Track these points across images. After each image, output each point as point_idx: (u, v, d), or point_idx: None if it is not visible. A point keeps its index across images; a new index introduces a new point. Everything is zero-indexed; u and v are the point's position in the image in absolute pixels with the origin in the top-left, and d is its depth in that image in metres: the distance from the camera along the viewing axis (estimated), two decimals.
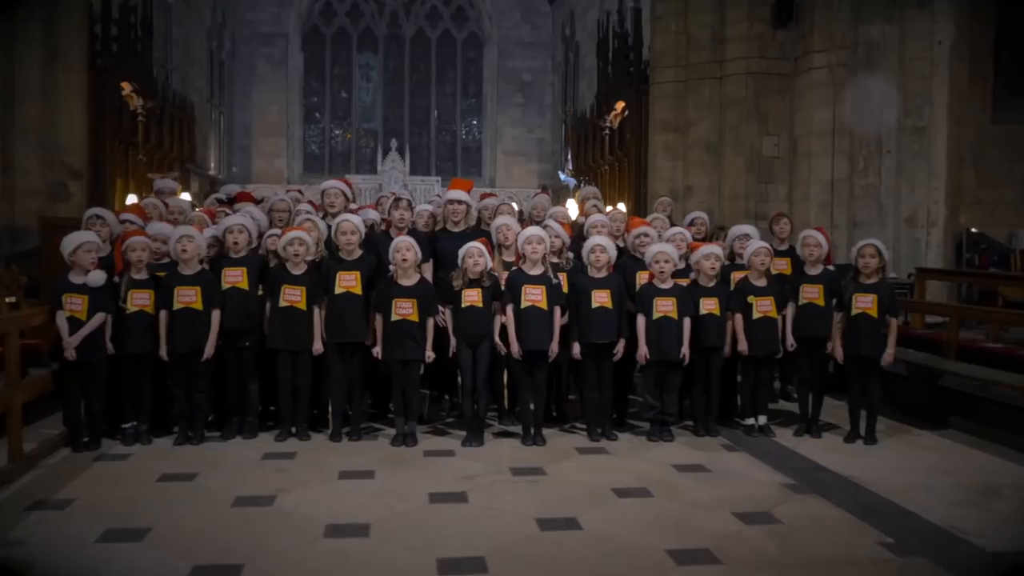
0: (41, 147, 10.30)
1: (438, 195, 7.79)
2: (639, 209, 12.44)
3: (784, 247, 7.20)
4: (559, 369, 6.46)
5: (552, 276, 6.02)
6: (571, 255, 6.55)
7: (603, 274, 6.10)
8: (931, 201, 9.89)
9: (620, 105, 13.69)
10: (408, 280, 5.87)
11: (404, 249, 5.82)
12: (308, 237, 5.92)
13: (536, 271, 5.98)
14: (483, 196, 8.74)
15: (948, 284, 9.48)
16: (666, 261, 6.09)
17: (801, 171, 10.65)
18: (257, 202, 7.56)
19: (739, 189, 11.05)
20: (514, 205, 9.95)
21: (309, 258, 6.01)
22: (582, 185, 18.12)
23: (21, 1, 10.18)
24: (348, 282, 5.95)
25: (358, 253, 6.06)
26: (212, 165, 23.15)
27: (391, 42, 26.36)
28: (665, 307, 6.07)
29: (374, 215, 7.01)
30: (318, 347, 5.92)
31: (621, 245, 7.00)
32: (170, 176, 8.35)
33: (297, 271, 5.91)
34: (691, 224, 8.00)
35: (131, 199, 11.49)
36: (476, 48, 26.51)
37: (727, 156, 11.18)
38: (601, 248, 6.06)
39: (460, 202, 6.77)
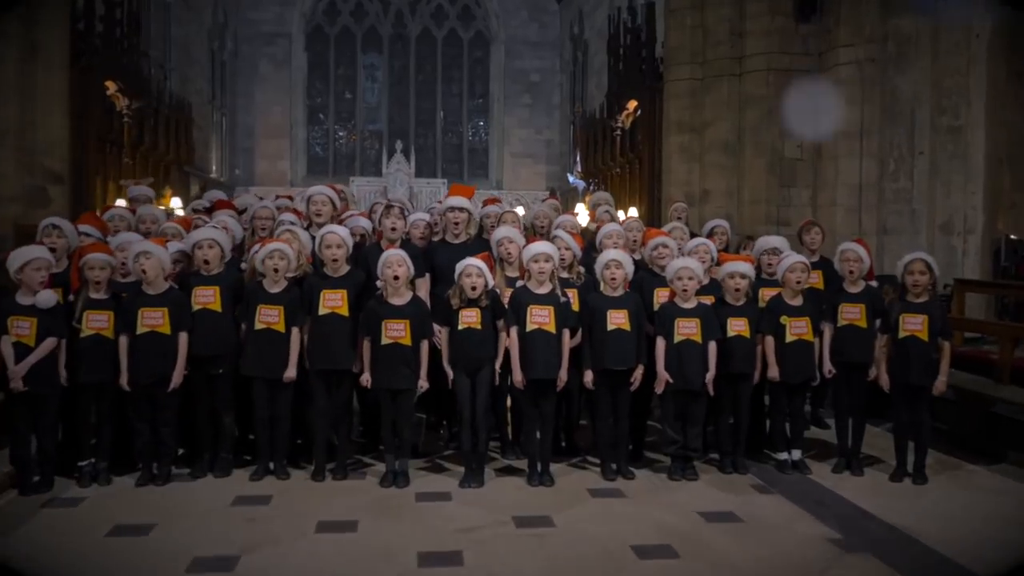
0: (19, 149, 9.62)
1: (438, 202, 7.08)
2: (652, 214, 11.72)
3: (815, 258, 6.50)
4: (569, 394, 5.76)
5: (561, 295, 5.33)
6: (582, 269, 5.87)
7: (619, 292, 5.41)
8: (968, 206, 9.13)
9: (632, 104, 12.97)
10: (400, 299, 5.19)
11: (395, 264, 5.14)
12: (289, 250, 5.24)
13: (543, 289, 5.29)
14: (486, 202, 8.04)
15: (987, 295, 8.74)
16: (689, 278, 5.39)
17: (826, 174, 9.92)
18: (239, 211, 6.88)
19: (759, 193, 10.31)
20: (520, 211, 9.24)
21: (290, 274, 5.34)
22: (591, 188, 17.43)
23: (20, 2, 9.52)
24: (333, 302, 5.27)
25: (345, 269, 5.39)
26: (213, 168, 22.53)
27: (396, 42, 25.69)
28: (688, 329, 5.38)
29: (365, 224, 6.34)
30: (290, 374, 5.23)
31: (637, 258, 6.33)
32: (145, 182, 7.67)
33: (275, 288, 5.24)
34: (711, 234, 7.31)
35: (120, 203, 10.87)
36: (483, 48, 25.82)
37: (746, 158, 10.44)
38: (617, 263, 5.36)
39: (461, 210, 6.10)
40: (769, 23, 10.25)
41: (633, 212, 12.59)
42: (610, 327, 5.32)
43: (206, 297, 5.25)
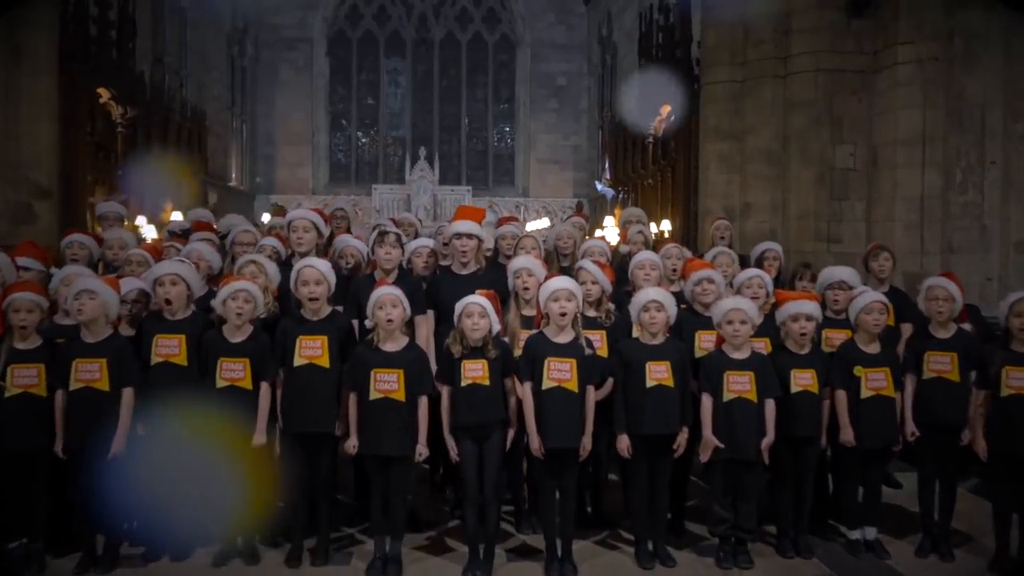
0: (2, 162, 8.83)
1: (443, 225, 6.12)
2: (687, 228, 10.69)
3: (884, 288, 5.48)
4: (596, 452, 4.75)
5: (585, 344, 4.34)
6: (612, 307, 4.89)
7: (659, 339, 4.40)
8: None
9: (665, 109, 11.92)
10: (394, 344, 4.23)
11: (388, 304, 4.18)
12: (256, 291, 4.30)
13: (564, 337, 4.31)
14: (502, 221, 7.09)
15: None
16: (742, 322, 4.38)
17: (883, 186, 8.84)
18: (221, 235, 5.97)
19: (807, 207, 9.24)
20: (544, 222, 8.06)
21: (260, 313, 4.40)
22: (620, 196, 16.41)
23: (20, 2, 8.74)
24: (312, 350, 4.32)
25: (326, 310, 4.43)
26: (233, 176, 21.85)
27: (420, 46, 24.81)
28: (740, 385, 4.37)
29: (359, 246, 5.40)
30: (258, 439, 4.28)
31: (676, 290, 5.35)
32: (116, 199, 6.78)
33: (239, 337, 4.30)
34: (761, 259, 6.30)
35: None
36: (508, 51, 24.87)
37: (793, 168, 9.38)
38: (658, 306, 4.37)
39: (469, 236, 5.13)
40: (818, 19, 9.19)
41: (666, 226, 11.57)
42: (649, 383, 4.32)
43: (168, 348, 4.32)
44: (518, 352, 4.46)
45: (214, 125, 19.79)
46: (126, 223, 6.77)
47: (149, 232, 10.32)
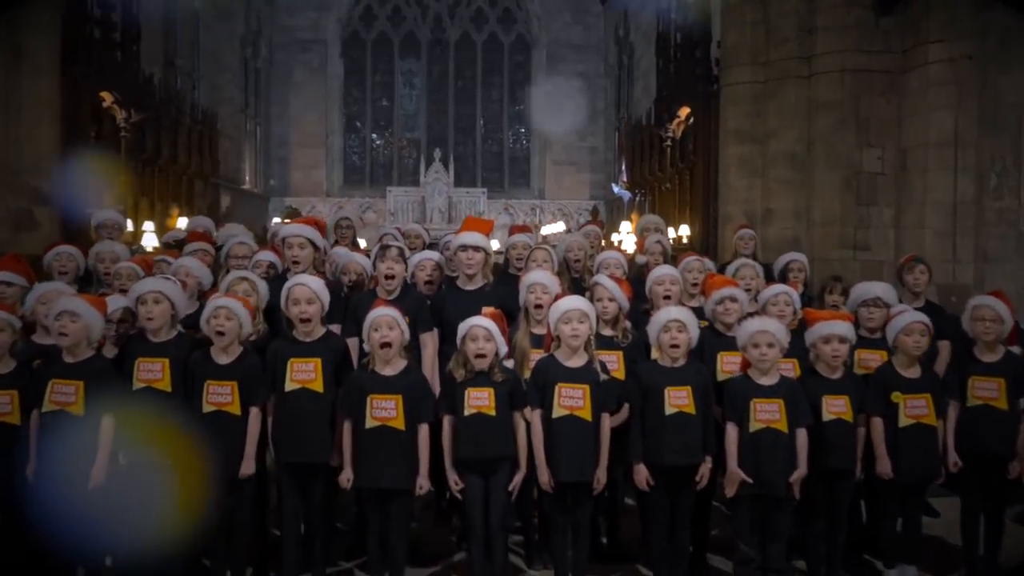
0: (1, 167, 8.58)
1: (450, 236, 5.78)
2: (707, 234, 10.31)
3: (919, 303, 5.12)
4: (612, 482, 4.40)
5: (599, 368, 3.99)
6: (628, 325, 4.54)
7: (680, 362, 4.05)
8: None
9: (684, 111, 11.54)
10: (391, 368, 3.89)
11: (384, 326, 3.85)
12: (239, 308, 3.97)
13: (576, 361, 3.97)
14: (513, 230, 6.77)
15: None
16: (769, 345, 4.02)
17: (913, 191, 8.42)
18: (218, 247, 5.66)
19: (833, 213, 8.84)
20: (560, 226, 7.69)
21: (249, 335, 4.09)
22: (637, 199, 16.04)
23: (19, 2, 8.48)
24: (304, 374, 4.00)
25: (320, 331, 4.10)
26: (247, 179, 21.63)
27: (435, 47, 24.49)
28: (768, 414, 4.00)
29: (362, 261, 5.09)
30: (247, 469, 3.96)
31: (696, 305, 5.01)
32: (115, 207, 6.48)
33: (225, 358, 3.98)
34: (786, 271, 5.94)
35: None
36: (524, 52, 24.51)
37: (817, 172, 8.97)
38: (679, 326, 4.02)
39: (475, 249, 4.79)
40: (844, 16, 8.79)
41: (684, 231, 11.18)
42: (669, 410, 3.97)
43: (151, 372, 4.00)
44: (527, 373, 4.14)
45: (227, 127, 19.56)
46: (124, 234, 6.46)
47: (150, 241, 10.07)
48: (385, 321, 3.81)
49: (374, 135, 24.82)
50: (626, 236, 12.27)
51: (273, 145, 23.38)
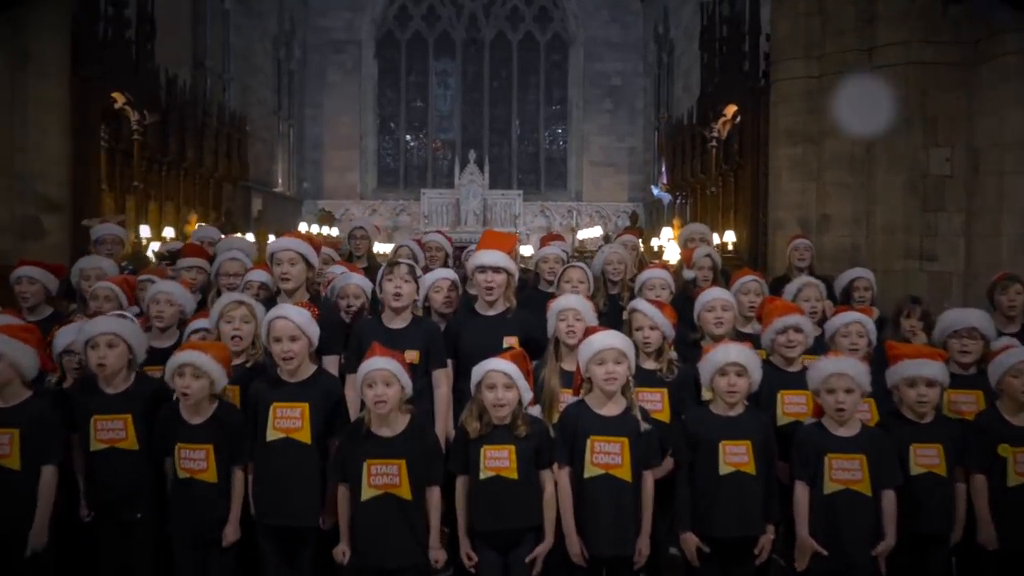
0: (7, 173, 8.10)
1: (471, 248, 5.09)
2: (755, 243, 9.49)
3: (1014, 328, 4.36)
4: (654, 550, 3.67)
5: (640, 416, 3.28)
6: (674, 356, 3.84)
7: (738, 410, 3.33)
8: None
9: (730, 109, 10.72)
10: (391, 427, 3.21)
11: (380, 382, 3.15)
12: (206, 362, 3.30)
13: (612, 408, 3.29)
14: (544, 240, 6.11)
15: None
16: (848, 391, 3.29)
17: (986, 195, 7.56)
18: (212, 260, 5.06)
19: (896, 220, 7.99)
20: (597, 231, 7.03)
21: (243, 361, 3.48)
22: (678, 201, 15.23)
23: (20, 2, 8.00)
24: (288, 421, 3.36)
25: (308, 370, 3.45)
26: (280, 181, 21.19)
27: (469, 46, 23.84)
28: (847, 473, 3.28)
29: (361, 283, 4.44)
30: (230, 536, 3.33)
31: (750, 331, 4.31)
32: (114, 220, 5.92)
33: (198, 417, 3.35)
34: (849, 290, 5.21)
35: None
36: (560, 51, 23.76)
37: (879, 175, 8.14)
38: (739, 370, 3.31)
39: (496, 270, 4.10)
40: (908, 5, 7.97)
41: (730, 237, 10.38)
42: (724, 468, 3.27)
43: (111, 431, 3.39)
44: (557, 416, 3.45)
45: (259, 130, 19.14)
46: (126, 248, 5.88)
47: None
48: (381, 376, 3.12)
49: (408, 136, 24.25)
50: (667, 242, 11.49)
51: (307, 147, 22.94)
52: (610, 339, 3.27)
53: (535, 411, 3.35)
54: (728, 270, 6.13)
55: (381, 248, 11.15)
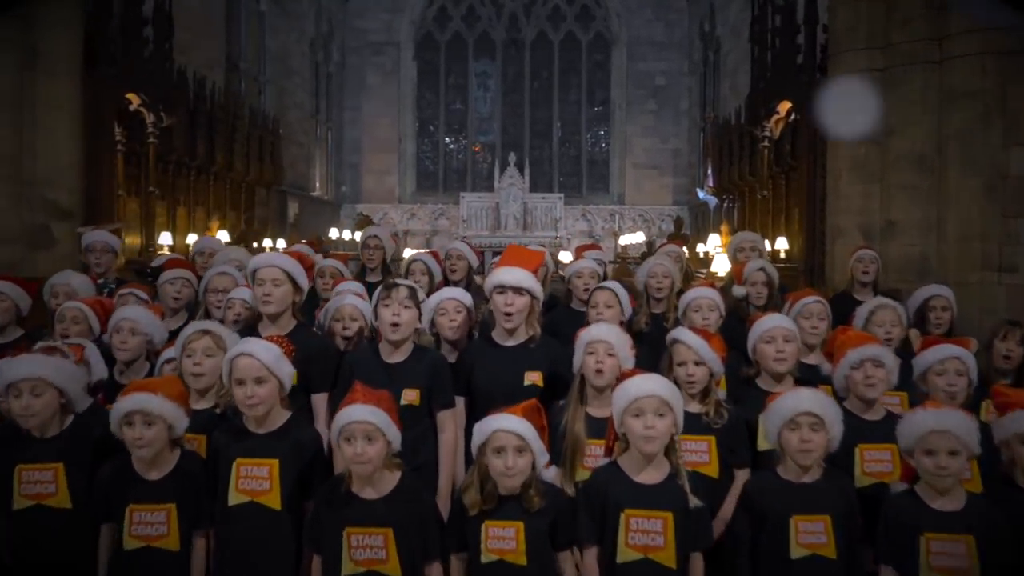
0: (15, 179, 7.63)
1: (492, 266, 4.42)
2: (811, 252, 8.67)
3: None
4: None
5: (687, 486, 2.60)
6: (723, 397, 3.17)
7: (813, 475, 2.64)
8: None
9: (784, 106, 9.90)
10: (375, 488, 2.58)
11: (360, 437, 2.52)
12: (164, 408, 2.69)
13: (652, 474, 2.61)
14: (580, 250, 5.45)
15: None
16: (951, 453, 2.56)
17: None
18: (198, 274, 4.48)
19: (972, 226, 7.13)
20: (639, 236, 6.38)
21: (211, 405, 2.87)
22: (725, 205, 14.41)
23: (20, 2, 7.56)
24: (254, 482, 2.75)
25: (280, 418, 2.83)
26: (317, 186, 20.77)
27: (510, 47, 23.22)
28: (950, 558, 2.56)
29: (358, 304, 3.80)
30: None
31: (813, 362, 3.62)
32: (108, 227, 5.37)
33: (155, 472, 2.74)
34: (925, 310, 4.46)
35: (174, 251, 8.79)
36: (603, 50, 23.01)
37: (952, 177, 7.29)
38: (814, 423, 2.62)
39: (517, 291, 3.43)
40: None
41: (782, 244, 9.57)
42: (797, 551, 2.58)
43: (38, 484, 2.79)
44: (580, 472, 2.80)
45: (296, 133, 18.76)
46: (120, 259, 5.33)
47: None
48: (362, 430, 2.49)
49: (447, 139, 23.70)
50: (714, 249, 10.72)
51: (345, 151, 22.54)
52: (650, 385, 2.59)
53: (550, 475, 2.68)
54: (785, 285, 5.40)
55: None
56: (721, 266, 7.69)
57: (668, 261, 4.76)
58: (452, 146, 23.76)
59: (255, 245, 11.42)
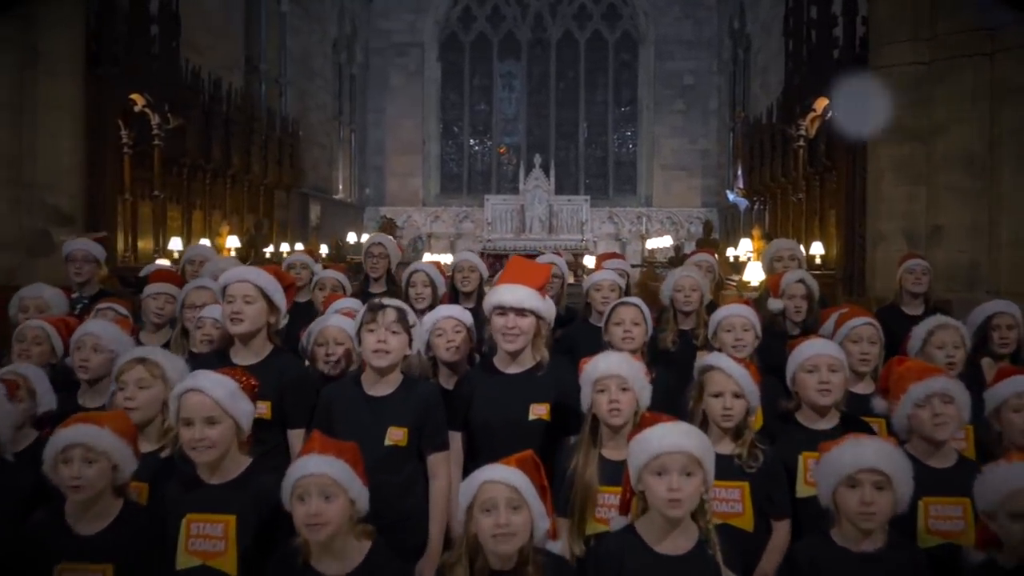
0: (14, 183, 7.33)
1: (498, 265, 3.96)
2: (850, 259, 8.09)
3: None
4: None
5: (718, 561, 2.11)
6: (762, 452, 2.71)
7: (876, 543, 2.16)
8: None
9: (821, 103, 9.33)
10: (338, 560, 2.14)
11: (315, 494, 2.08)
12: (107, 442, 2.28)
13: (676, 542, 2.12)
14: (601, 259, 4.99)
15: None
16: None
17: None
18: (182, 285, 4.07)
19: None
20: (666, 240, 5.92)
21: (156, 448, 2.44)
22: (756, 207, 13.85)
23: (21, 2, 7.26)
24: (206, 542, 2.31)
25: (238, 466, 2.39)
26: (340, 188, 20.47)
27: (535, 47, 22.76)
28: None
29: (344, 327, 3.37)
30: None
31: (864, 391, 3.15)
32: (91, 236, 4.99)
33: (92, 523, 2.33)
34: (988, 329, 3.95)
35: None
36: (630, 50, 22.48)
37: (1005, 178, 6.72)
38: (879, 480, 2.14)
39: (520, 312, 2.96)
40: None
41: (817, 250, 9.02)
42: None
43: None
44: (592, 524, 2.36)
45: (318, 135, 18.47)
46: (104, 270, 4.94)
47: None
48: (317, 484, 2.04)
49: (472, 141, 23.29)
50: (745, 255, 10.18)
51: (369, 153, 22.23)
52: (676, 438, 2.11)
53: (557, 546, 2.22)
54: (825, 297, 4.89)
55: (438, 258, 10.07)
56: (754, 274, 7.17)
57: (697, 273, 4.28)
58: (477, 148, 23.37)
59: (265, 250, 11.05)
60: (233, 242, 9.59)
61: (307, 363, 3.32)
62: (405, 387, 2.88)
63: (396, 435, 2.79)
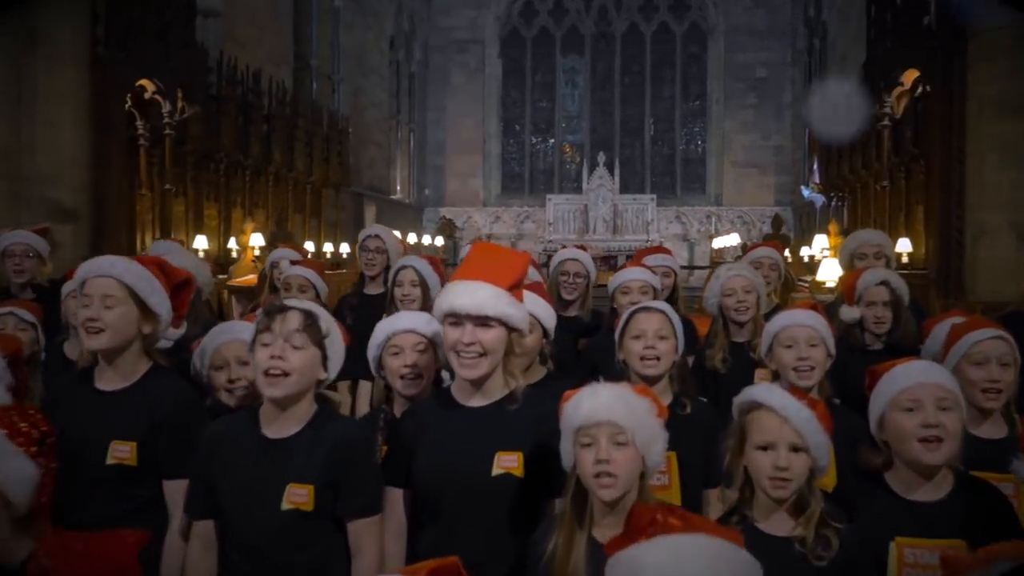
0: (13, 177, 6.76)
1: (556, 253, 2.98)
2: (945, 256, 6.88)
3: None
4: None
5: None
6: (835, 535, 1.70)
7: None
8: None
9: (910, 76, 8.05)
10: None
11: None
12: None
13: None
14: (641, 254, 4.07)
15: None
16: None
17: None
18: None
19: None
20: (734, 239, 4.96)
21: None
22: (833, 203, 12.56)
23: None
24: None
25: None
26: (398, 189, 19.86)
27: (599, 41, 21.78)
28: None
29: (239, 339, 2.48)
30: None
31: (989, 436, 2.07)
32: (34, 228, 4.29)
33: None
34: None
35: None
36: (699, 42, 21.31)
37: None
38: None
39: (483, 322, 2.00)
40: None
41: (904, 246, 7.80)
42: None
43: None
44: None
45: (374, 134, 17.89)
46: (48, 266, 4.25)
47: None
48: None
49: (534, 139, 22.42)
50: (820, 252, 9.02)
51: (428, 152, 21.61)
52: (696, 566, 1.17)
53: None
54: (919, 303, 3.84)
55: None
56: (829, 273, 6.08)
57: (749, 272, 3.30)
58: (539, 146, 22.52)
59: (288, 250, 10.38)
60: (257, 240, 8.91)
61: (206, 395, 2.45)
62: (314, 426, 1.99)
63: (298, 495, 1.91)
